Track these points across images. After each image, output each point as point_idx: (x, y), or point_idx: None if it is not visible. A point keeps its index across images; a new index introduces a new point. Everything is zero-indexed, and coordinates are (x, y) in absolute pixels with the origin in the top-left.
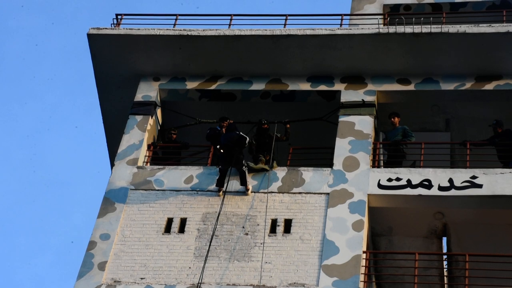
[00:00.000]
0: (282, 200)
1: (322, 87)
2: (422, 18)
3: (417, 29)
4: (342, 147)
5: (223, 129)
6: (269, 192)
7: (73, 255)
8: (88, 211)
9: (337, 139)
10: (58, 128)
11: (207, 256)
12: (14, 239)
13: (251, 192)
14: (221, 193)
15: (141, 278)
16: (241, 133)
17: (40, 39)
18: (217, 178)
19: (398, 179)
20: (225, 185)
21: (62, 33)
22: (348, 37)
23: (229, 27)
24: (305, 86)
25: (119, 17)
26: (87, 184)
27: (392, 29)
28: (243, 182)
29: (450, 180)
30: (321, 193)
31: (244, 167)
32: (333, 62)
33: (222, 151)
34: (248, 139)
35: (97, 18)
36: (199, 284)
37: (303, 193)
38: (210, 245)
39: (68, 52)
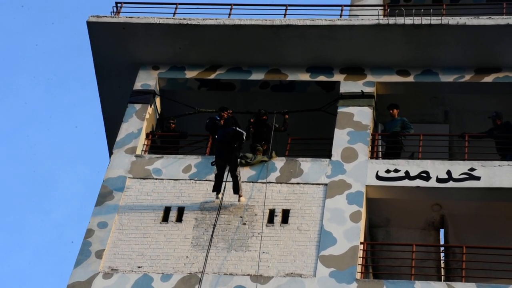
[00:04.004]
0: (280, 191)
1: (322, 78)
2: (422, 10)
3: (417, 20)
4: (340, 138)
5: (222, 121)
6: (267, 182)
7: (60, 252)
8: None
9: (336, 130)
10: (57, 126)
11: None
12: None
13: (249, 182)
14: (218, 200)
15: (138, 267)
16: (237, 128)
17: (40, 38)
18: (214, 184)
19: (396, 171)
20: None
21: (63, 30)
22: (348, 28)
23: (229, 17)
24: (305, 77)
25: (119, 5)
26: (79, 182)
27: (392, 21)
28: (236, 190)
29: (448, 172)
30: (319, 184)
31: (237, 172)
32: (332, 53)
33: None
34: (245, 133)
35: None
36: (202, 273)
37: (301, 183)
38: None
39: (68, 50)
